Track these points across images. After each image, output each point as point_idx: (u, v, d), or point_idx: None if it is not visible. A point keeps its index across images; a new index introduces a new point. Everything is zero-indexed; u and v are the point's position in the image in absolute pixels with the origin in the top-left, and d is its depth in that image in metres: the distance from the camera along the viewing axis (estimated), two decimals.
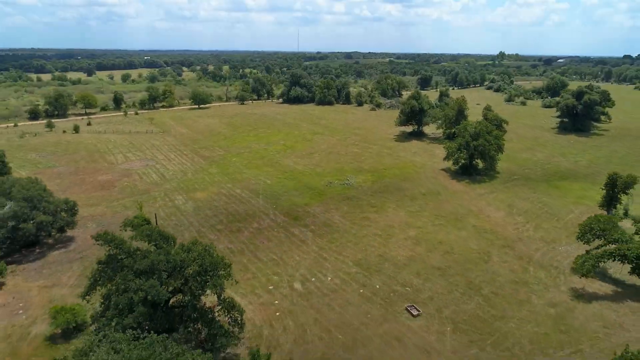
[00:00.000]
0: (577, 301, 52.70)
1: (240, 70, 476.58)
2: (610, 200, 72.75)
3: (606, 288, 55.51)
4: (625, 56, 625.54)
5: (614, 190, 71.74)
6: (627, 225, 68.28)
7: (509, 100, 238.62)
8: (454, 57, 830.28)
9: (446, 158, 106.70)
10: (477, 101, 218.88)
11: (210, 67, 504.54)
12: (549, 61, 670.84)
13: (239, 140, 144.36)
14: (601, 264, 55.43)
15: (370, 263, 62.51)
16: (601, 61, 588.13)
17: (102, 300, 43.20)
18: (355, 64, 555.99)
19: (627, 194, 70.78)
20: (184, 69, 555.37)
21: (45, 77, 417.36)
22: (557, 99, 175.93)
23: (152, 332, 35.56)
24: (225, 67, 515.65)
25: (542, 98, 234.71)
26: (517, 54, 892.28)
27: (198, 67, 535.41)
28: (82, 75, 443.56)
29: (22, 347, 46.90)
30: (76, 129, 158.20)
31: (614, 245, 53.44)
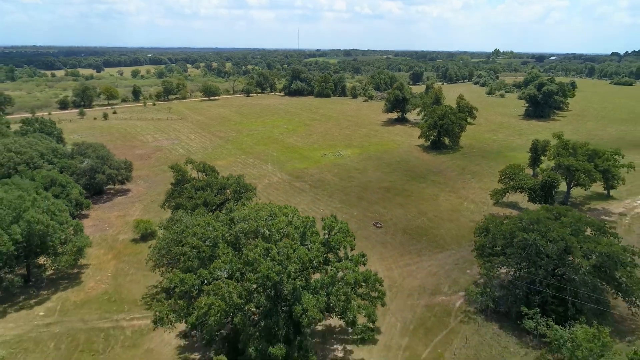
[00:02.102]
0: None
1: (243, 66, 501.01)
2: (534, 161, 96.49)
3: (513, 212, 79.42)
4: (613, 53, 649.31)
5: (537, 153, 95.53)
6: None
7: (490, 93, 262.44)
8: (451, 55, 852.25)
9: (420, 136, 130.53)
10: (459, 93, 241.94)
11: (214, 64, 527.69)
12: (541, 58, 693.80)
13: (248, 125, 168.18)
14: (508, 194, 79.24)
15: (351, 202, 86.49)
16: (590, 58, 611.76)
17: (172, 210, 67.11)
18: (353, 60, 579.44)
19: (544, 155, 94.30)
20: (188, 65, 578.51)
21: (58, 73, 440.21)
22: (524, 89, 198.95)
23: None
24: (228, 64, 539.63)
25: (521, 91, 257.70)
26: (511, 52, 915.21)
27: (202, 64, 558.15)
28: (92, 72, 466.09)
29: (115, 245, 70.94)
30: (105, 116, 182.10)
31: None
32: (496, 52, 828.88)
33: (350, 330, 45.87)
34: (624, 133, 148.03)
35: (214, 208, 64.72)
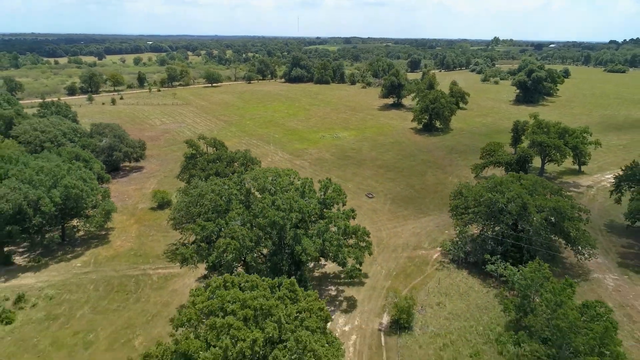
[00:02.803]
0: None
1: (243, 54, 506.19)
2: (515, 140, 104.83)
3: None
4: (611, 41, 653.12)
5: (517, 133, 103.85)
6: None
7: (485, 80, 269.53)
8: (451, 43, 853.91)
9: (413, 120, 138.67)
10: (455, 80, 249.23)
11: (215, 52, 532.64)
12: (539, 46, 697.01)
13: (250, 110, 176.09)
14: (487, 169, 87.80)
15: (347, 177, 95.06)
16: (588, 46, 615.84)
17: (187, 181, 75.70)
18: (353, 48, 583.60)
19: (524, 134, 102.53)
20: (189, 53, 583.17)
21: (61, 60, 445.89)
22: (515, 76, 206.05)
23: None
24: (229, 52, 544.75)
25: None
26: (511, 40, 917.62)
27: (203, 52, 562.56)
28: (94, 59, 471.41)
29: (136, 212, 79.69)
30: (113, 102, 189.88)
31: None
32: (495, 40, 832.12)
33: (342, 272, 55.00)
34: (607, 117, 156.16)
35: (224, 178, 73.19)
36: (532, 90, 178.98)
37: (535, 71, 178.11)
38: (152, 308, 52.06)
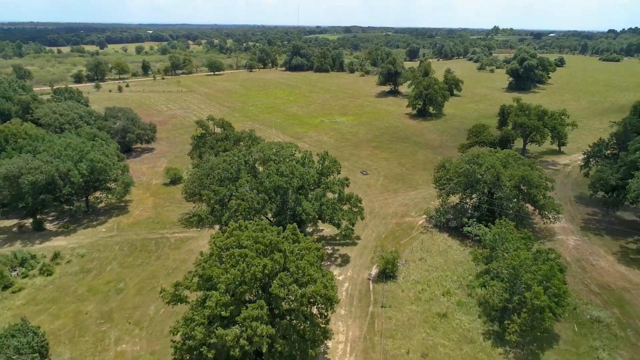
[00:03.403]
0: None
1: (244, 43, 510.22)
2: (501, 123, 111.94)
3: None
4: (609, 30, 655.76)
5: (503, 116, 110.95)
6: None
7: (481, 68, 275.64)
8: (451, 32, 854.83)
9: (408, 105, 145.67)
10: (452, 69, 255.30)
11: (216, 41, 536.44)
12: (539, 35, 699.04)
13: (252, 96, 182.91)
14: (473, 148, 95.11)
15: (343, 157, 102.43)
16: (586, 36, 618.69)
17: (198, 157, 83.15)
18: (352, 37, 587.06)
19: (509, 117, 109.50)
20: (190, 42, 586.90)
21: (64, 49, 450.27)
22: (509, 64, 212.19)
23: None
24: (229, 41, 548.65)
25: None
26: (510, 29, 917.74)
27: (204, 40, 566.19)
28: (96, 48, 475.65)
29: (150, 187, 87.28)
30: (120, 89, 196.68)
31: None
32: (495, 30, 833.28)
33: (337, 235, 62.80)
34: (593, 103, 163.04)
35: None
36: (524, 77, 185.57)
37: (527, 59, 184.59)
38: (171, 264, 59.86)
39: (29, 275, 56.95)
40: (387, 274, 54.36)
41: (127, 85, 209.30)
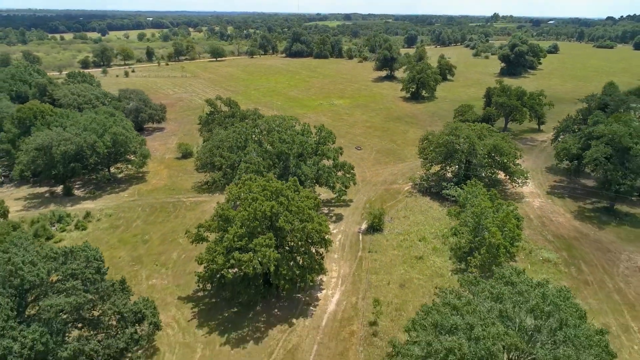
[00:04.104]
0: None
1: (244, 30, 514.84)
2: (487, 104, 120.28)
3: None
4: (608, 18, 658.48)
5: (489, 97, 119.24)
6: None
7: (476, 54, 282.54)
8: (451, 19, 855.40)
9: (402, 89, 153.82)
10: (449, 55, 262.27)
11: (216, 28, 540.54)
12: (537, 22, 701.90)
13: (254, 81, 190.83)
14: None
15: (340, 134, 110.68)
16: (584, 23, 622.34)
17: (208, 132, 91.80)
18: (352, 24, 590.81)
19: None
20: (190, 29, 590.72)
21: (67, 36, 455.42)
22: (501, 50, 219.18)
23: None
24: (230, 28, 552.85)
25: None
26: (510, 16, 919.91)
27: (204, 28, 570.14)
28: (97, 35, 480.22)
29: (164, 161, 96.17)
30: (126, 74, 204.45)
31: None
32: (495, 17, 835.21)
33: (333, 198, 71.82)
34: (579, 87, 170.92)
35: None
36: (515, 63, 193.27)
37: (517, 45, 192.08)
38: (188, 222, 68.89)
39: (66, 230, 66.09)
40: (374, 228, 63.50)
41: (133, 71, 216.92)
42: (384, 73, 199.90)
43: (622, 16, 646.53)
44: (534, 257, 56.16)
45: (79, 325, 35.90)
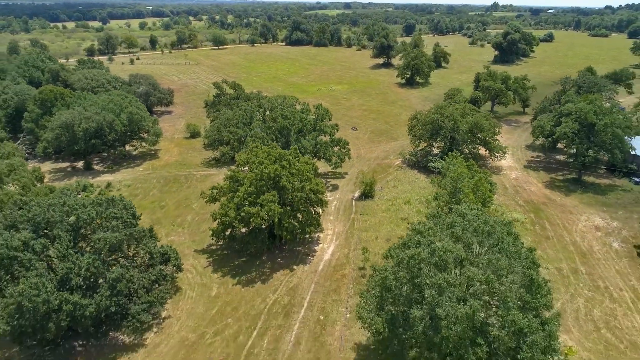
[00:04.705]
0: None
1: (245, 19, 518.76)
2: (475, 88, 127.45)
3: None
4: (606, 7, 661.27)
5: (478, 82, 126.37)
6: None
7: (472, 43, 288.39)
8: (451, 8, 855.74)
9: (398, 75, 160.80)
10: (446, 44, 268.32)
11: (217, 17, 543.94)
12: (536, 11, 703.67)
13: (255, 68, 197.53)
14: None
15: (337, 117, 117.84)
16: (583, 12, 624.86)
17: (215, 112, 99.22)
18: (352, 13, 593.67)
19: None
20: (191, 18, 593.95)
21: (69, 25, 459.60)
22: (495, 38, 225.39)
23: None
24: (230, 17, 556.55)
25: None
26: (510, 5, 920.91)
27: (205, 16, 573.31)
28: (99, 24, 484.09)
29: (174, 140, 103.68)
30: (132, 61, 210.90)
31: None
32: (494, 5, 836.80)
33: (329, 171, 79.55)
34: (567, 74, 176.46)
35: None
36: (508, 51, 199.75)
37: (510, 34, 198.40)
38: (199, 191, 76.59)
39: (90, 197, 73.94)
40: (366, 195, 71.36)
41: (137, 58, 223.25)
42: (381, 60, 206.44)
43: (620, 5, 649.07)
44: (505, 218, 63.98)
45: (120, 259, 43.85)
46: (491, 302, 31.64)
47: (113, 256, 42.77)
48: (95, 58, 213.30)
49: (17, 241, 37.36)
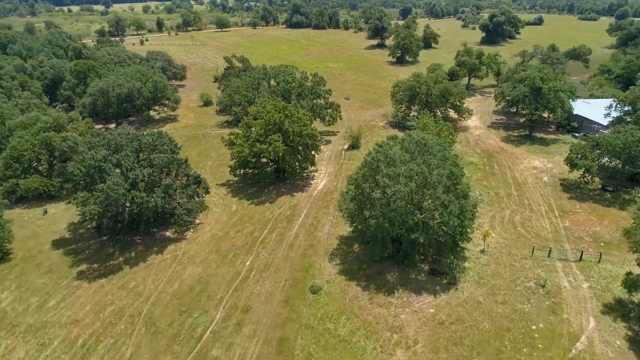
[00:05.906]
0: None
1: (246, 3, 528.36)
2: (459, 64, 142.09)
3: None
4: None
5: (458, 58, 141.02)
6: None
7: (464, 26, 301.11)
8: None
9: (389, 54, 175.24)
10: (439, 27, 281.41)
11: (218, 0, 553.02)
12: None
13: (258, 49, 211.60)
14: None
15: (333, 89, 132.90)
16: None
17: (226, 82, 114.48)
18: None
19: None
20: (192, 1, 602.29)
21: (74, 8, 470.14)
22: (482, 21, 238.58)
23: None
24: (232, 0, 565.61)
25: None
26: None
27: (207, 0, 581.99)
28: (102, 7, 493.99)
29: (189, 107, 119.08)
30: (141, 42, 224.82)
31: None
32: None
33: (324, 130, 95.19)
34: None
35: None
36: (494, 32, 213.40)
37: (496, 16, 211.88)
38: (215, 145, 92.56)
39: None
40: (353, 146, 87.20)
41: (146, 40, 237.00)
42: (375, 42, 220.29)
43: None
44: (463, 161, 79.85)
45: (167, 177, 59.92)
46: (426, 188, 47.73)
47: (164, 171, 58.77)
48: (94, 40, 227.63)
49: (100, 155, 53.36)
